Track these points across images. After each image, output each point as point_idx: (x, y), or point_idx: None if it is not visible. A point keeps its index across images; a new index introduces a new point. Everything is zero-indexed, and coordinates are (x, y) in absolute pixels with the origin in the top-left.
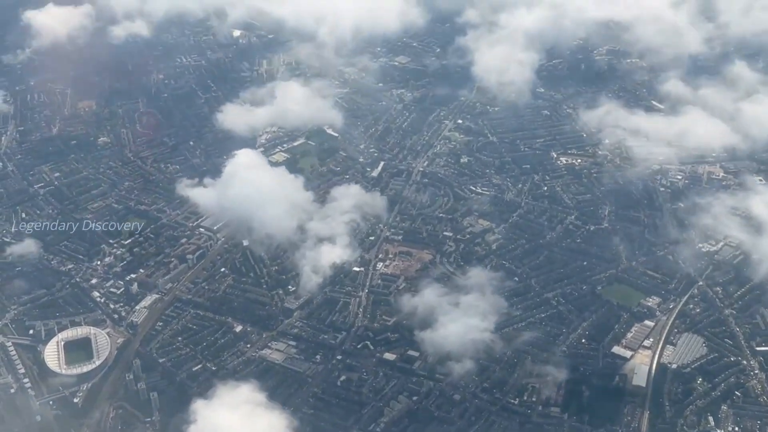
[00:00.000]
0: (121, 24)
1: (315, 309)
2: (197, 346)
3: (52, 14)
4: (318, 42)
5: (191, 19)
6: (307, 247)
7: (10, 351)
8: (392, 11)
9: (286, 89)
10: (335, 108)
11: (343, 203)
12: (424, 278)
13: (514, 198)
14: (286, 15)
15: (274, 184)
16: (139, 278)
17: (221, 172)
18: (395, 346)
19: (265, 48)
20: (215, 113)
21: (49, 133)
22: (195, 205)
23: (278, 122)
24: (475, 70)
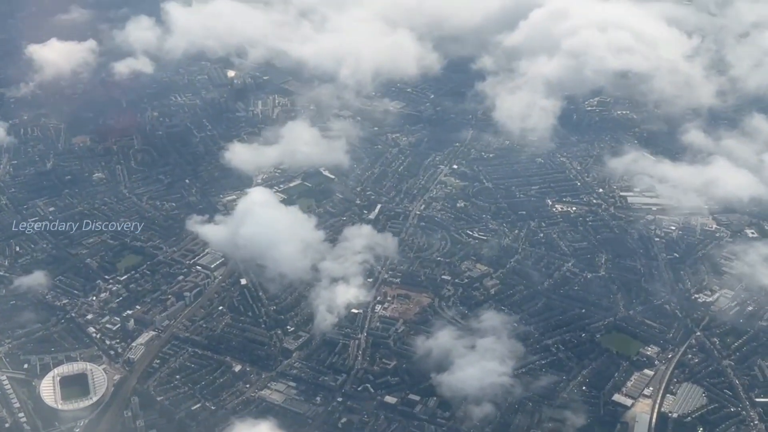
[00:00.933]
0: (124, 60)
1: (314, 350)
2: (196, 385)
3: (55, 49)
4: (335, 83)
5: (211, 57)
6: (321, 286)
7: (5, 385)
8: (410, 56)
9: (294, 129)
10: (342, 149)
11: (355, 243)
12: (437, 320)
13: (511, 244)
14: (307, 56)
15: (286, 222)
16: (136, 315)
17: (218, 211)
18: (396, 389)
19: (259, 89)
20: (216, 151)
21: (44, 167)
22: (197, 242)
23: (286, 162)
24: (488, 115)
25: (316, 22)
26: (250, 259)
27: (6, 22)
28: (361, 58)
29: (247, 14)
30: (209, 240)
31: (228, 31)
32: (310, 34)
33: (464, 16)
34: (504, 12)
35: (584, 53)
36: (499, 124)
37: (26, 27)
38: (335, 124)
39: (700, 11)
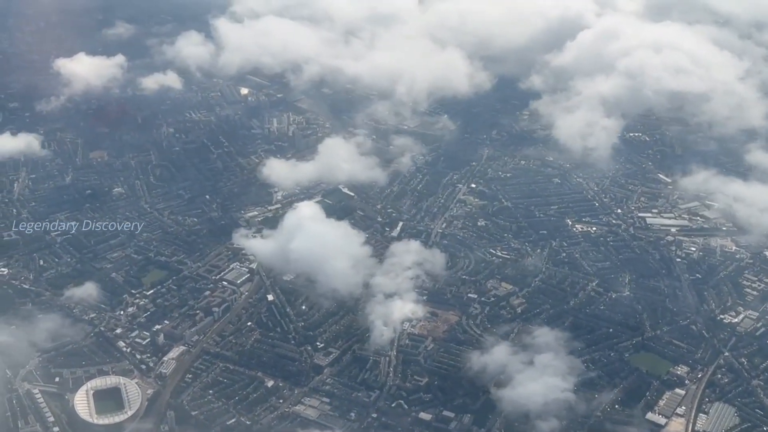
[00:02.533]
0: (152, 76)
1: (345, 367)
2: (230, 400)
3: (83, 63)
4: (392, 100)
5: (267, 73)
6: (376, 302)
7: (38, 399)
8: (462, 74)
9: (330, 145)
10: (379, 166)
11: (403, 259)
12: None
13: (534, 263)
14: (361, 73)
15: (337, 237)
16: (165, 329)
17: (240, 226)
18: (429, 406)
19: (273, 107)
20: (234, 167)
21: (62, 181)
22: (221, 257)
23: (323, 178)
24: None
25: (366, 40)
26: (300, 274)
27: (47, 36)
28: (414, 75)
29: (298, 32)
30: (255, 254)
31: (281, 48)
32: (362, 52)
33: (509, 36)
34: (549, 32)
35: (641, 73)
36: (559, 142)
37: (70, 41)
38: (396, 140)
39: (743, 36)
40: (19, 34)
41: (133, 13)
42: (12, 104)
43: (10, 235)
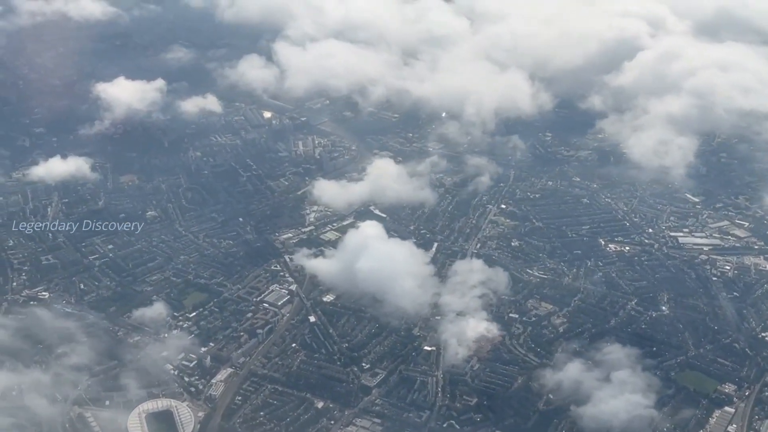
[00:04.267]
0: (191, 99)
1: (393, 387)
2: (281, 422)
3: (122, 87)
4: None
5: (334, 95)
6: (448, 320)
7: (90, 422)
8: (525, 95)
9: (379, 166)
10: (430, 186)
11: (467, 278)
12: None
13: (572, 282)
14: (427, 94)
15: (401, 256)
16: (211, 352)
17: (278, 249)
18: (480, 426)
19: (297, 129)
20: (264, 190)
21: (95, 205)
22: (260, 279)
23: (374, 199)
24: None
25: (425, 62)
26: (366, 294)
27: (71, 60)
28: (480, 96)
29: (359, 54)
30: (318, 273)
31: (346, 71)
32: (425, 74)
33: (563, 57)
34: (605, 54)
35: (710, 93)
36: (632, 161)
37: (128, 66)
38: (471, 159)
39: None
40: (39, 59)
41: (187, 38)
42: (38, 129)
43: (48, 259)
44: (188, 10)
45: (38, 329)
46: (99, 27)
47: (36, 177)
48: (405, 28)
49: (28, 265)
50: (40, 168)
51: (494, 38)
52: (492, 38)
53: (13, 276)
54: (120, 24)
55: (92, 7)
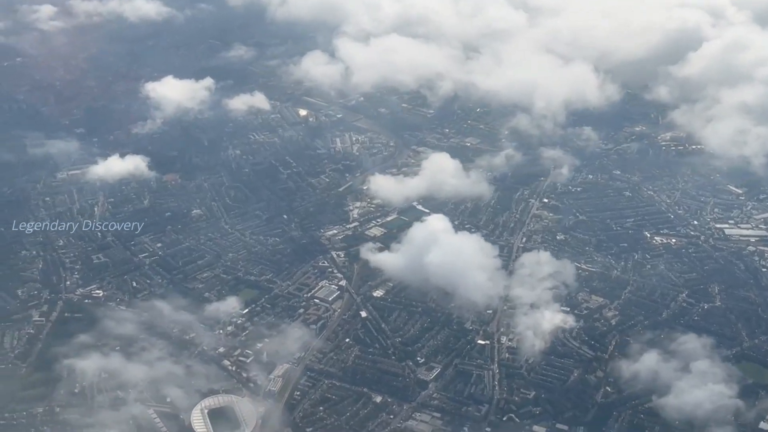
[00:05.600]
0: (238, 97)
1: (449, 381)
2: (341, 416)
3: (170, 86)
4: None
5: (403, 91)
6: (522, 313)
7: (154, 419)
8: (592, 87)
9: (435, 160)
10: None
11: (536, 270)
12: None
13: (621, 275)
14: (495, 87)
15: (471, 249)
16: (267, 347)
17: (324, 245)
18: (540, 419)
19: (333, 126)
20: (306, 187)
21: (141, 204)
22: (309, 275)
23: (431, 192)
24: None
25: (488, 56)
26: (435, 287)
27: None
28: (548, 88)
29: (423, 49)
30: (384, 268)
31: (411, 65)
32: (490, 67)
33: (625, 49)
34: (668, 45)
35: None
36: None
37: (177, 64)
38: (545, 152)
39: None
40: (75, 61)
41: (241, 36)
42: (78, 130)
43: (99, 258)
44: (240, 9)
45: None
46: (153, 27)
47: (95, 175)
48: (463, 22)
49: (80, 264)
50: (99, 167)
51: (554, 31)
52: (551, 31)
53: (65, 275)
54: (174, 23)
55: (147, 8)
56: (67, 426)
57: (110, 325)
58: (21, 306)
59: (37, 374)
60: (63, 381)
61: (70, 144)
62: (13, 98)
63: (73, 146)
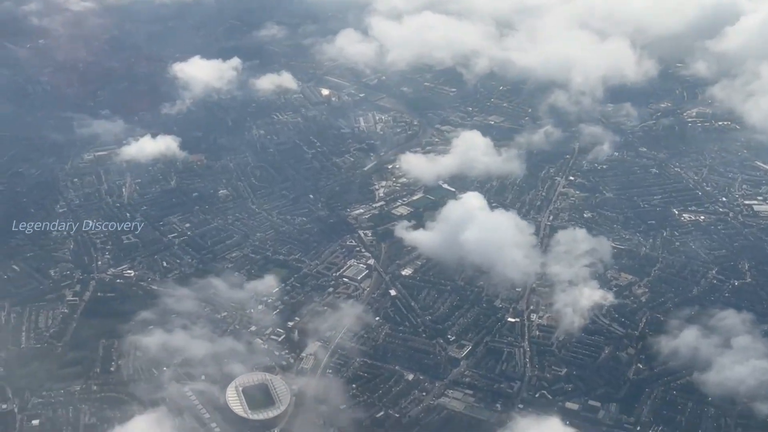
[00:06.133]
0: (265, 77)
1: (481, 359)
2: (374, 394)
3: (198, 66)
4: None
5: (438, 68)
6: (560, 290)
7: (189, 396)
8: (629, 62)
9: (466, 138)
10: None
11: (572, 247)
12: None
13: (650, 252)
14: (533, 64)
15: (506, 227)
16: (298, 326)
17: (351, 224)
18: (572, 396)
19: (356, 106)
20: (331, 167)
21: (168, 185)
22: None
23: (462, 171)
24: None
25: (523, 32)
26: (470, 265)
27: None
28: (585, 64)
29: (457, 26)
30: (419, 245)
31: (446, 43)
32: (525, 43)
33: (661, 24)
34: (704, 19)
35: None
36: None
37: (211, 44)
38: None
39: None
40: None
41: (273, 15)
42: (103, 111)
43: (129, 239)
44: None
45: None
46: (181, 6)
47: (122, 156)
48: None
49: (110, 245)
50: (131, 147)
51: (589, 6)
52: (586, 6)
53: (97, 255)
54: (204, 4)
55: None
56: (104, 404)
57: (146, 303)
58: (54, 286)
59: (72, 353)
60: (99, 360)
61: (101, 125)
62: (36, 80)
63: (102, 127)
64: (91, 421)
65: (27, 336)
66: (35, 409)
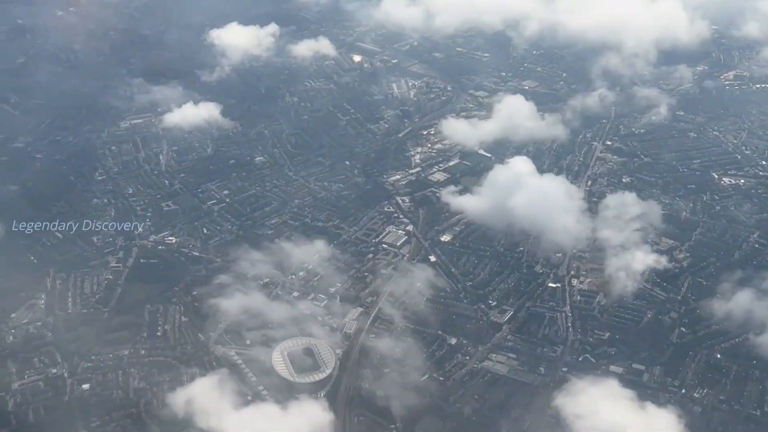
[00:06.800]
0: (303, 42)
1: (523, 323)
2: (417, 358)
3: (236, 33)
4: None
5: (488, 32)
6: (611, 254)
7: (236, 360)
8: (682, 23)
9: (509, 102)
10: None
11: (622, 212)
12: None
13: (690, 217)
14: (583, 27)
15: (556, 191)
16: (340, 292)
17: (388, 191)
18: (615, 359)
19: (389, 72)
20: (365, 133)
21: (204, 153)
22: (375, 221)
23: (506, 135)
24: None
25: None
26: (520, 230)
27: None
28: (637, 26)
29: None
30: (465, 210)
31: (496, 6)
32: (574, 6)
33: None
34: None
35: None
36: None
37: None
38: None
39: None
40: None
41: None
42: (136, 79)
43: (169, 206)
44: None
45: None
46: None
47: (171, 123)
48: None
49: (151, 212)
50: (174, 114)
51: None
52: None
53: (138, 222)
54: None
55: None
56: (153, 368)
57: (189, 269)
58: (98, 252)
59: (119, 318)
60: (145, 324)
61: (134, 92)
62: (69, 48)
63: (139, 94)
64: (141, 385)
65: (74, 301)
66: (85, 373)
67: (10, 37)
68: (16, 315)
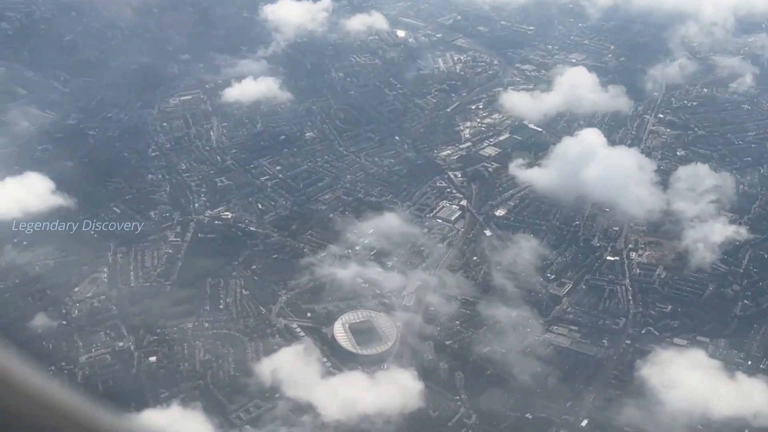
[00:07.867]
0: (355, 17)
1: (583, 296)
2: (478, 330)
3: (289, 8)
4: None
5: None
6: (689, 226)
7: (298, 332)
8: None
9: (571, 74)
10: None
11: (695, 183)
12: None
13: (748, 190)
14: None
15: (627, 164)
16: (397, 265)
17: (440, 166)
18: (678, 332)
19: (434, 47)
20: (413, 108)
21: (254, 128)
22: (428, 196)
23: (570, 108)
24: None
25: None
26: (592, 204)
27: None
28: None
29: None
30: (533, 183)
31: None
32: None
33: None
34: None
35: None
36: None
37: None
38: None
39: None
40: None
41: None
42: (183, 56)
43: (222, 181)
44: None
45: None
46: None
47: (231, 98)
48: None
49: (205, 187)
50: (234, 89)
51: None
52: None
53: (193, 198)
54: None
55: None
56: (217, 340)
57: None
58: (155, 227)
59: (181, 291)
60: (207, 297)
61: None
62: (115, 25)
63: (192, 71)
64: (207, 357)
65: (135, 275)
66: (151, 346)
67: (56, 16)
68: (80, 289)
